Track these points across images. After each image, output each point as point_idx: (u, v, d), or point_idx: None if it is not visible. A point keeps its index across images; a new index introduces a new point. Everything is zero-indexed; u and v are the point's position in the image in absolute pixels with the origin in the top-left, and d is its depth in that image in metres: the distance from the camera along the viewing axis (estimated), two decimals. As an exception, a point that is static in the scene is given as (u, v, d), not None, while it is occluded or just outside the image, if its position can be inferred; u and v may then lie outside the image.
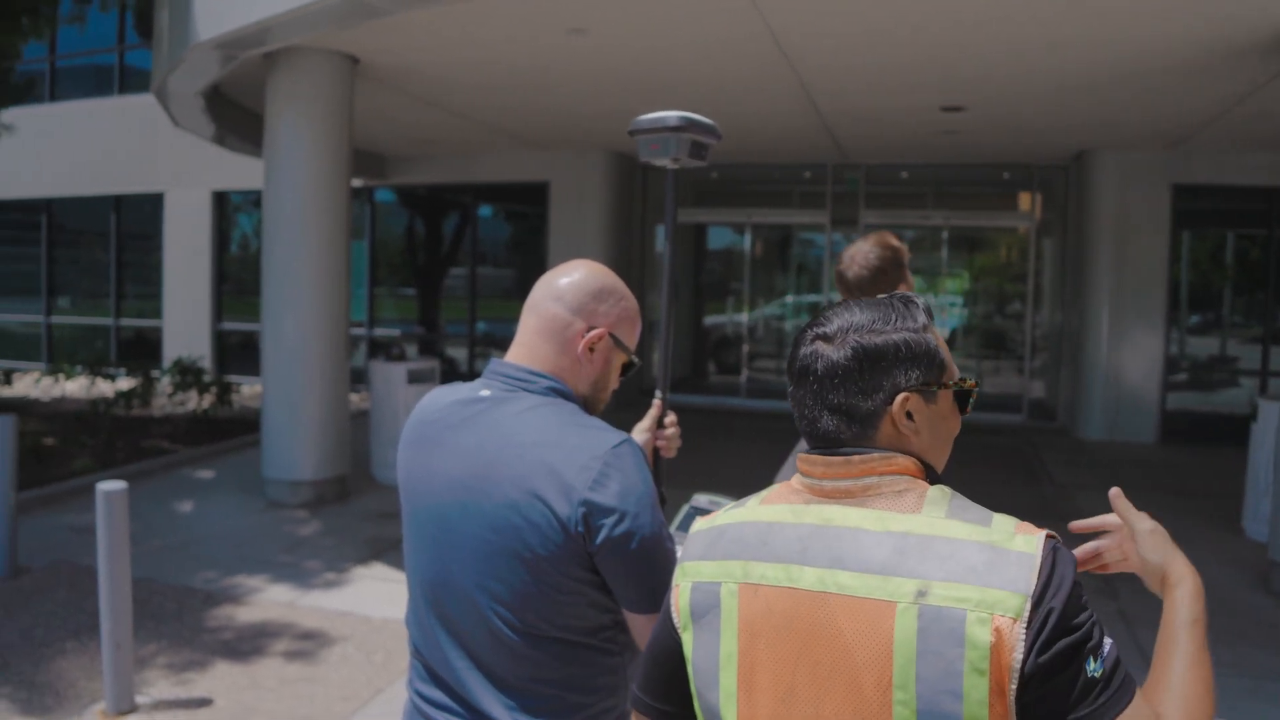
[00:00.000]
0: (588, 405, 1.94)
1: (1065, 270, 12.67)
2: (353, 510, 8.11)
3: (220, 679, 4.93)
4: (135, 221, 16.40)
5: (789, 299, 14.64)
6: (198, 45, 7.49)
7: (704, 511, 2.12)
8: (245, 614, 5.81)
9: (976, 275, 14.08)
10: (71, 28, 13.53)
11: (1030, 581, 1.19)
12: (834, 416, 1.36)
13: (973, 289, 14.12)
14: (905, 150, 12.27)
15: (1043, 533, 1.26)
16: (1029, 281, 13.24)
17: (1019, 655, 1.17)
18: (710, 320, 15.03)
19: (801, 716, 1.28)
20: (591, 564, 1.75)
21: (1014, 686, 1.17)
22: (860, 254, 3.13)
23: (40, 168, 16.15)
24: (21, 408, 12.30)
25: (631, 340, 1.98)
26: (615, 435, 1.79)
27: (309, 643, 5.39)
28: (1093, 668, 1.20)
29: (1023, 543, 1.23)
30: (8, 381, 13.51)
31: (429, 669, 1.93)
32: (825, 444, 1.38)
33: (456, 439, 1.87)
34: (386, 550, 7.02)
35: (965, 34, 6.88)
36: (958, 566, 1.21)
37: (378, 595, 6.12)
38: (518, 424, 1.82)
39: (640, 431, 2.34)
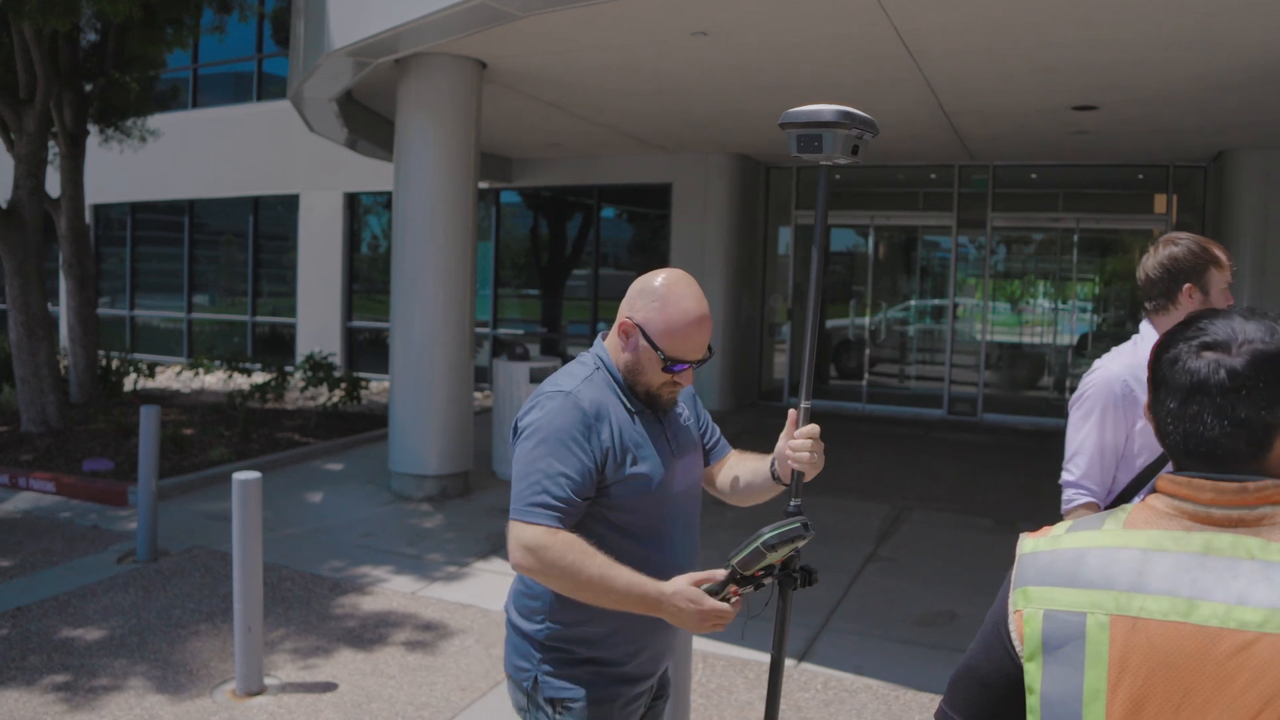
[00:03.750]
0: (629, 383, 2.33)
1: (1203, 275, 12.18)
2: (474, 505, 8.27)
3: (344, 665, 5.08)
4: (272, 222, 16.97)
5: (912, 303, 14.40)
6: (332, 53, 7.72)
7: (770, 545, 2.11)
8: (369, 603, 5.97)
9: (1108, 279, 13.64)
10: (212, 37, 14.04)
11: None
12: (1238, 431, 1.29)
13: (1104, 293, 13.69)
14: (1034, 151, 11.98)
15: None
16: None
17: None
18: (831, 323, 14.89)
19: None
20: None
21: None
22: (1177, 238, 3.05)
23: (183, 170, 16.82)
24: (163, 399, 12.86)
25: (666, 343, 2.25)
26: (562, 386, 2.27)
27: (430, 633, 5.52)
28: None
29: None
30: (151, 374, 14.13)
31: None
32: (1216, 463, 1.31)
33: None
34: (505, 546, 7.12)
35: (1097, 30, 6.68)
36: None
37: (497, 589, 6.23)
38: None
39: (780, 440, 2.35)
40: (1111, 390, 2.87)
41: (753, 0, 6.46)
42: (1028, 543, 1.41)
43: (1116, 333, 13.58)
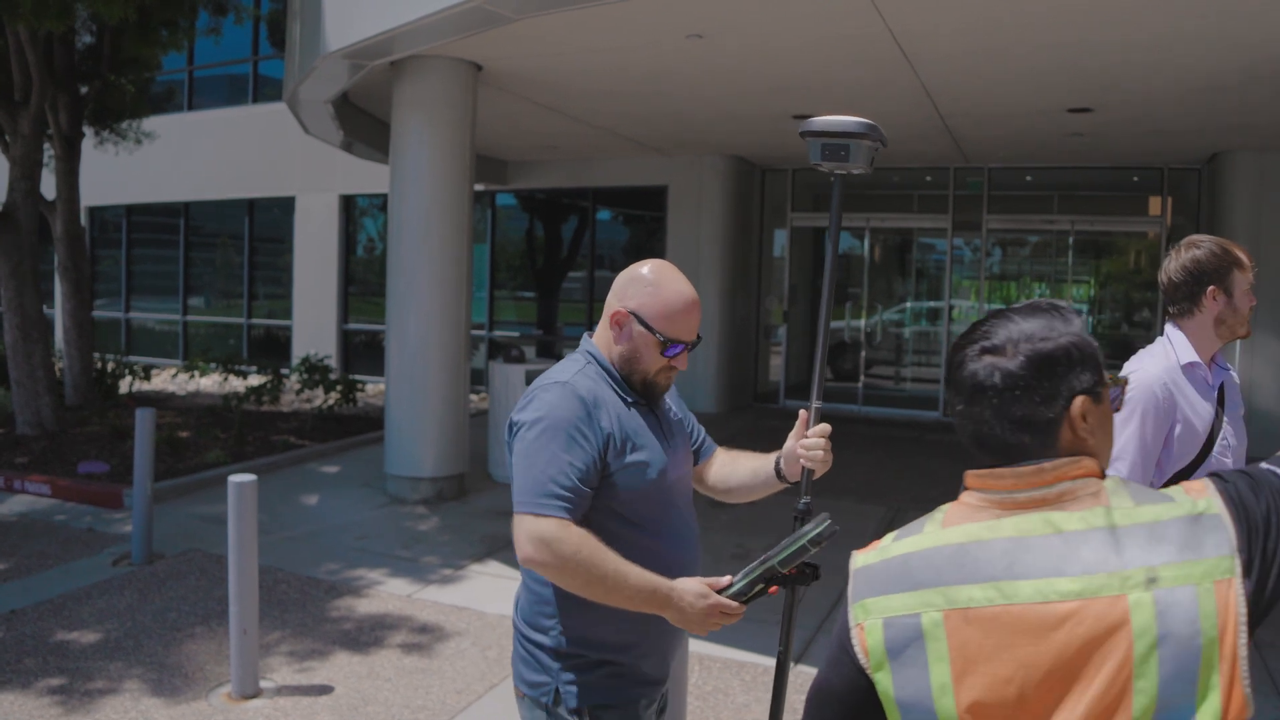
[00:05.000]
0: (625, 374, 2.33)
1: (1198, 277, 12.19)
2: (470, 508, 8.27)
3: (340, 668, 5.08)
4: (267, 224, 16.97)
5: (908, 305, 14.42)
6: (328, 55, 7.72)
7: (815, 541, 2.15)
8: (365, 606, 5.97)
9: (1103, 281, 13.67)
10: (208, 39, 14.05)
11: (1230, 534, 1.24)
12: (1017, 429, 1.36)
13: (1099, 295, 13.71)
14: (1030, 153, 11.99)
15: (1206, 484, 1.31)
16: (1159, 288, 12.77)
17: (1241, 603, 1.21)
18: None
19: None
20: None
21: (1244, 637, 1.21)
22: (1190, 245, 3.06)
23: (179, 173, 16.83)
24: (159, 401, 12.85)
25: (664, 325, 2.27)
26: (557, 378, 2.27)
27: (425, 636, 5.52)
28: None
29: (1205, 504, 1.27)
30: (146, 376, 14.12)
31: None
32: (1007, 457, 1.37)
33: None
34: (501, 548, 7.13)
35: (1091, 32, 6.70)
36: (1172, 546, 1.24)
37: (493, 592, 6.23)
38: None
39: (789, 439, 2.42)
40: (1153, 393, 2.89)
41: (747, 3, 6.47)
42: (859, 558, 1.46)
43: (1112, 335, 13.61)
